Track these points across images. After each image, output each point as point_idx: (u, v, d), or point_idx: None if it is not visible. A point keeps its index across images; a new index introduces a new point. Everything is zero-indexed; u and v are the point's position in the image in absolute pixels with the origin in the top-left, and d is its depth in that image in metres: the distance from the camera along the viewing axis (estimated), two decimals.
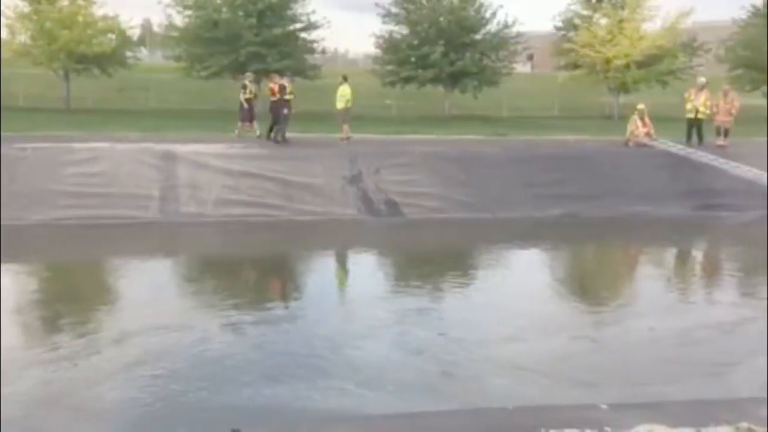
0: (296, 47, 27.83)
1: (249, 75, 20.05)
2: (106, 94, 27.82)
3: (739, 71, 32.36)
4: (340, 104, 19.17)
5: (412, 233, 15.63)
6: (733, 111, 19.80)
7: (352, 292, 11.79)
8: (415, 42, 27.51)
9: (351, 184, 16.55)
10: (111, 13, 26.53)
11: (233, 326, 8.95)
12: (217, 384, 7.07)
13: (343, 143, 18.58)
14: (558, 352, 8.06)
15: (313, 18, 28.12)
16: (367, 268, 13.18)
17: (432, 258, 13.86)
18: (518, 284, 11.81)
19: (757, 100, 32.11)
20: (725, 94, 20.06)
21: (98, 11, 26.26)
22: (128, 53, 27.95)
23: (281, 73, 20.39)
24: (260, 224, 15.15)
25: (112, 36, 26.54)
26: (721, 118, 19.72)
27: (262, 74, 23.14)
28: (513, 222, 16.01)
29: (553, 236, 15.21)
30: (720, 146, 19.15)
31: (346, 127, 19.08)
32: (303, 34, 28.46)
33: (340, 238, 15.24)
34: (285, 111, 18.00)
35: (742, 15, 33.55)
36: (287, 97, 18.04)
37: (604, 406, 4.75)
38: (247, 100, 19.05)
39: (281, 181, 16.22)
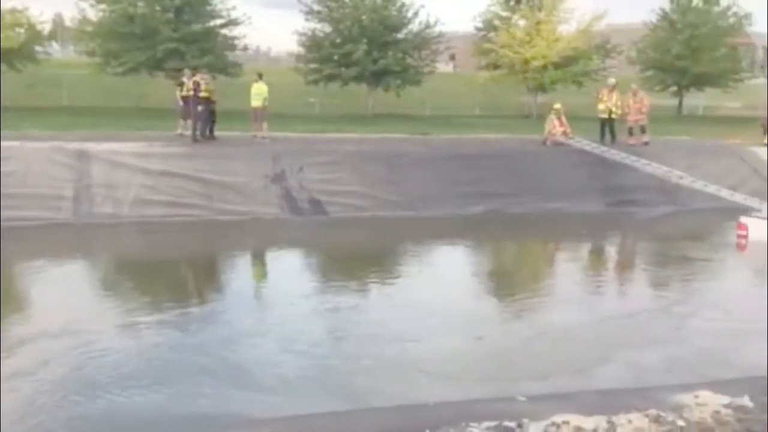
0: (216, 44, 27.32)
1: (187, 72, 19.47)
2: (15, 91, 26.51)
3: (650, 72, 33.83)
4: (256, 102, 18.99)
5: (336, 232, 15.60)
6: (644, 110, 20.66)
7: (266, 293, 11.61)
8: (338, 40, 27.45)
9: (274, 183, 16.37)
10: (19, 6, 25.39)
11: (133, 330, 8.65)
12: (98, 392, 6.72)
13: (262, 141, 18.39)
14: (447, 351, 8.00)
15: (233, 14, 27.74)
16: (286, 268, 13.02)
17: (354, 256, 13.88)
18: (438, 282, 11.83)
19: (666, 100, 33.64)
20: (634, 94, 20.93)
21: (6, 4, 25.06)
22: (38, 48, 26.79)
23: (198, 69, 19.91)
24: (179, 224, 14.81)
25: (21, 30, 25.39)
26: (633, 118, 20.56)
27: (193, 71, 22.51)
28: (436, 220, 16.22)
29: (474, 233, 15.46)
30: (633, 144, 19.96)
31: (264, 125, 18.91)
32: (223, 31, 27.99)
33: (262, 238, 15.03)
34: (200, 108, 17.66)
35: (652, 18, 35.11)
36: (202, 94, 17.69)
37: (522, 399, 4.86)
38: (184, 98, 18.55)
39: (202, 180, 15.88)
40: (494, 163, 18.40)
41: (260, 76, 19.27)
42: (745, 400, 4.65)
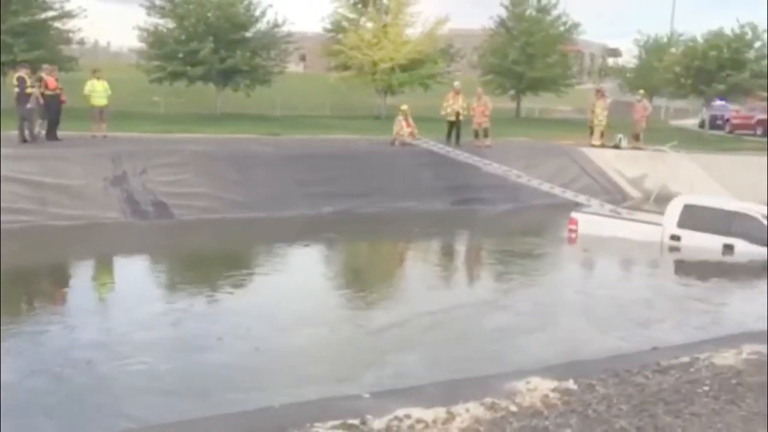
0: (48, 37, 25.47)
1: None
2: None
3: (490, 77, 35.58)
4: (100, 100, 17.99)
5: (182, 235, 15.05)
6: (487, 113, 21.76)
7: (95, 301, 10.89)
8: (183, 37, 26.47)
9: (114, 186, 15.53)
10: None
11: None
12: None
13: (102, 141, 17.45)
14: (246, 358, 7.83)
15: (67, 6, 25.97)
16: (123, 274, 12.42)
17: (198, 260, 13.46)
18: (282, 285, 11.57)
19: (505, 103, 35.52)
20: (479, 98, 21.99)
21: None
22: None
23: (24, 64, 18.43)
24: (7, 231, 13.62)
25: None
26: (477, 120, 21.60)
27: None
28: (286, 220, 16.11)
29: (324, 234, 15.48)
30: (478, 146, 20.93)
31: (104, 125, 17.92)
32: (57, 24, 26.16)
33: (100, 244, 14.09)
34: (28, 106, 16.48)
35: (491, 24, 36.94)
36: (28, 90, 16.48)
37: (366, 395, 4.94)
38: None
39: (33, 183, 14.76)
40: (344, 163, 18.58)
41: (94, 72, 18.30)
42: (570, 383, 5.00)
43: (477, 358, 7.55)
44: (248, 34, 27.80)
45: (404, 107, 21.10)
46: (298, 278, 12.18)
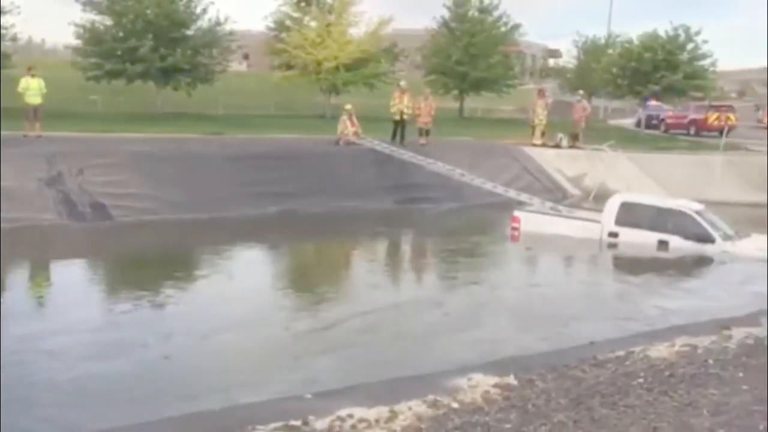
0: None
1: None
2: None
3: (433, 77, 35.85)
4: (34, 99, 17.43)
5: (120, 237, 14.68)
6: (432, 113, 22.02)
7: (19, 306, 10.27)
8: (121, 34, 25.89)
9: (49, 186, 15.06)
10: None
11: None
12: None
13: (36, 141, 16.90)
14: (149, 367, 7.55)
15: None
16: (54, 278, 12.05)
17: (135, 263, 13.04)
18: (218, 289, 11.21)
19: (449, 103, 35.86)
20: (426, 98, 22.24)
21: None
22: None
23: None
24: None
25: None
26: (423, 120, 21.80)
27: None
28: (229, 221, 15.87)
29: (267, 234, 15.32)
30: (422, 145, 21.10)
31: (38, 124, 17.38)
32: None
33: (33, 246, 13.56)
34: None
35: (434, 25, 37.23)
36: None
37: (308, 396, 4.91)
38: None
39: None
40: (289, 163, 18.46)
41: (29, 70, 17.73)
42: (511, 379, 5.08)
43: (390, 361, 7.40)
44: (189, 32, 27.36)
45: (348, 107, 21.09)
46: (235, 281, 11.94)
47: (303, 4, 30.77)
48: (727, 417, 4.53)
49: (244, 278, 12.18)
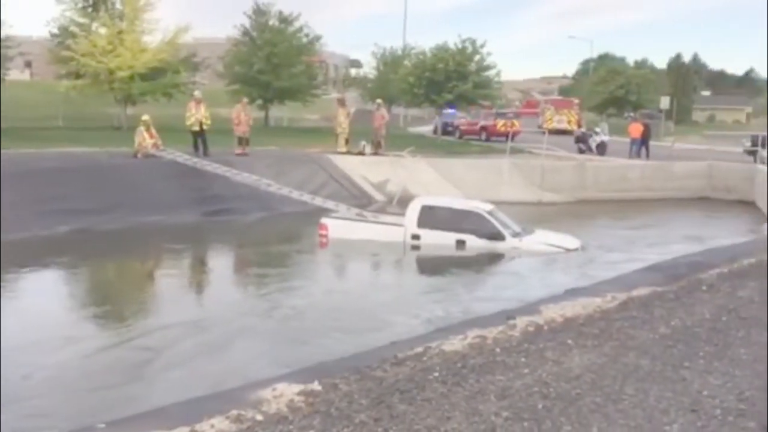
0: None
1: None
2: None
3: (236, 86, 35.40)
4: None
5: None
6: (250, 122, 22.05)
7: None
8: None
9: None
10: None
11: None
12: None
13: None
14: None
15: None
16: None
17: None
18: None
19: (253, 112, 35.56)
20: (244, 107, 22.19)
21: None
22: None
23: None
24: None
25: None
26: (242, 129, 21.67)
27: None
28: (14, 243, 14.43)
29: (56, 256, 14.14)
30: (240, 155, 20.90)
31: None
32: None
33: None
34: None
35: (235, 34, 36.79)
36: None
37: (102, 425, 4.63)
38: None
39: None
40: (81, 177, 17.35)
41: None
42: (315, 385, 5.14)
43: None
44: None
45: (145, 117, 20.19)
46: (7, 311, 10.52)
47: (90, 9, 28.93)
48: (510, 400, 4.93)
49: (19, 308, 10.86)
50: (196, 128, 20.76)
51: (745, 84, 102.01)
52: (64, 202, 16.20)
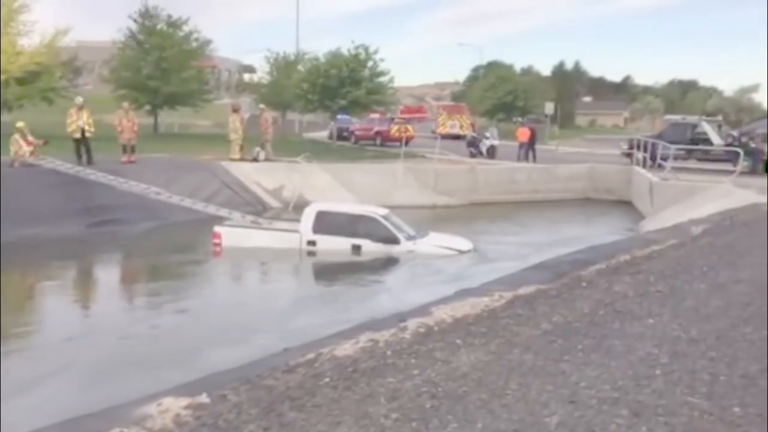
0: None
1: None
2: None
3: (123, 91, 34.14)
4: None
5: None
6: (135, 128, 21.21)
7: None
8: None
9: None
10: None
11: None
12: None
13: None
14: None
15: None
16: None
17: None
18: None
19: (142, 118, 34.38)
20: (126, 113, 21.36)
21: None
22: None
23: None
24: None
25: None
26: (126, 136, 20.90)
27: None
28: None
29: None
30: (126, 162, 20.25)
31: None
32: None
33: None
34: None
35: (121, 37, 35.46)
36: None
37: None
38: None
39: None
40: None
41: None
42: (203, 398, 5.02)
43: None
44: None
45: (20, 124, 19.13)
46: None
47: None
48: (400, 401, 5.00)
49: None
50: (78, 135, 19.88)
51: (623, 90, 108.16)
52: None
